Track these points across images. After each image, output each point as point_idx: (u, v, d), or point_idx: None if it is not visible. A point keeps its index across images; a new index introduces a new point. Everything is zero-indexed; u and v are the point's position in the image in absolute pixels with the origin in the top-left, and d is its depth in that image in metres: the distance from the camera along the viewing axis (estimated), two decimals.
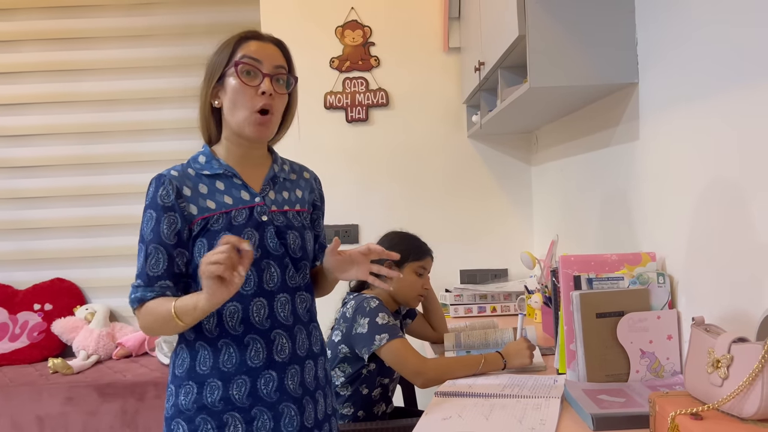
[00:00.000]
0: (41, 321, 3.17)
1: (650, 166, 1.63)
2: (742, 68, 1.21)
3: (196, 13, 3.30)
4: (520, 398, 1.41)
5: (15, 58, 3.31)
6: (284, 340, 1.31)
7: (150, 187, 1.30)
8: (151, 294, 1.26)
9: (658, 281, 1.50)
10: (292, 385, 1.31)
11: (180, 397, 1.28)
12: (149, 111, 3.32)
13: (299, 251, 1.35)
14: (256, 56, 1.29)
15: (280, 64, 1.32)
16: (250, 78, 1.28)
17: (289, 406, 1.30)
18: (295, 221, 1.37)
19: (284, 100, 1.34)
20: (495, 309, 2.61)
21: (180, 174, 1.31)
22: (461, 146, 3.05)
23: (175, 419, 1.28)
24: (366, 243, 1.33)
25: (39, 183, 3.33)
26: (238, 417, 1.26)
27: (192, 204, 1.28)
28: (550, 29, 1.67)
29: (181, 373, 1.30)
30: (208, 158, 1.34)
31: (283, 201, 1.37)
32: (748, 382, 0.93)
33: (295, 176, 1.45)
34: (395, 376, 1.96)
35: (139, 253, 1.28)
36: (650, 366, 1.45)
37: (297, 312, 1.35)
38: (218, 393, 1.27)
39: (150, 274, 1.26)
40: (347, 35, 3.03)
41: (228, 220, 1.28)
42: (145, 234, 1.28)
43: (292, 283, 1.35)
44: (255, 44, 1.30)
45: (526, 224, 3.06)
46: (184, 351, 1.31)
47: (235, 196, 1.31)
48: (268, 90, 1.27)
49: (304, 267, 1.38)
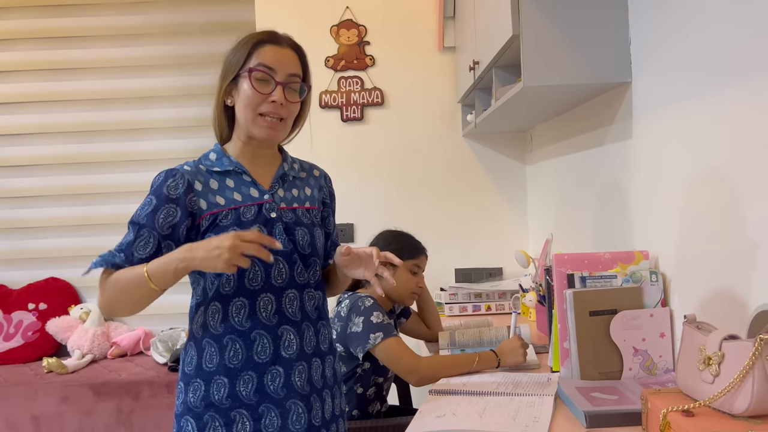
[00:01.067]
0: (36, 320, 3.16)
1: (643, 165, 1.64)
2: (734, 68, 1.21)
3: (191, 12, 3.29)
4: (514, 396, 1.42)
5: (8, 56, 3.30)
6: (292, 336, 1.31)
7: (159, 177, 1.30)
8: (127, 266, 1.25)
9: (651, 279, 1.51)
10: (300, 381, 1.31)
11: (189, 395, 1.29)
12: (143, 110, 3.31)
13: (308, 248, 1.36)
14: (271, 64, 1.30)
15: (295, 72, 1.33)
16: (263, 85, 1.30)
17: (296, 403, 1.30)
18: (304, 218, 1.38)
19: (296, 107, 1.36)
20: (490, 307, 2.62)
21: (192, 169, 1.32)
22: (456, 145, 3.06)
23: (184, 416, 1.30)
24: (373, 248, 1.32)
25: (33, 182, 3.31)
26: (245, 414, 1.27)
27: (202, 199, 1.29)
28: (543, 29, 1.67)
29: (190, 370, 1.31)
30: (218, 155, 1.35)
31: (292, 198, 1.38)
32: (738, 379, 0.94)
33: (305, 174, 1.46)
34: (390, 375, 1.97)
35: (129, 233, 1.27)
36: (643, 363, 1.46)
37: (305, 309, 1.35)
38: (225, 390, 1.27)
39: (135, 254, 1.25)
40: (342, 34, 3.03)
41: (237, 216, 1.30)
42: (139, 216, 1.27)
43: (300, 280, 1.35)
44: (271, 50, 1.31)
45: (521, 223, 3.07)
46: (192, 348, 1.32)
47: (244, 193, 1.33)
48: (279, 99, 1.29)
49: (314, 264, 1.38)
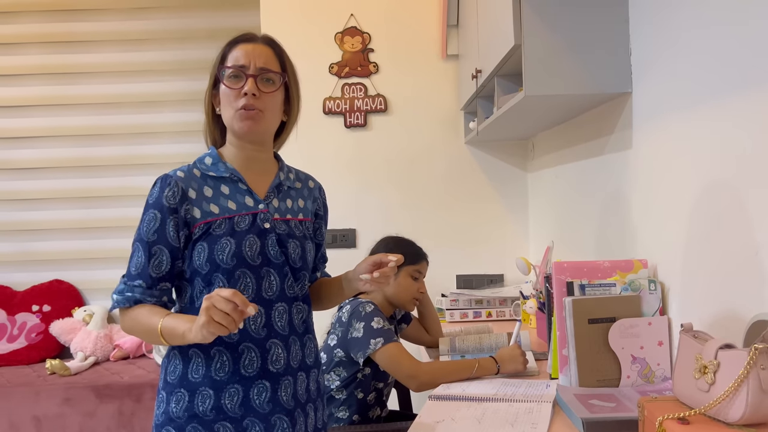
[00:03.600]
0: (39, 322, 3.19)
1: (643, 175, 1.65)
2: (734, 78, 1.23)
3: (196, 18, 3.32)
4: (513, 402, 1.43)
5: (15, 60, 3.33)
6: (280, 350, 1.30)
7: (155, 187, 1.28)
8: (150, 300, 1.25)
9: (650, 288, 1.52)
10: (285, 396, 1.29)
11: (171, 405, 1.26)
12: (148, 114, 3.34)
13: (299, 261, 1.35)
14: (242, 60, 1.29)
15: (267, 65, 1.31)
16: (236, 81, 1.29)
17: (281, 418, 1.28)
18: (296, 230, 1.36)
19: (275, 98, 1.32)
20: (490, 314, 2.63)
21: (186, 175, 1.29)
22: (458, 152, 3.07)
23: (165, 426, 1.26)
24: (379, 255, 1.31)
25: (38, 185, 3.34)
26: (229, 427, 1.25)
27: (196, 207, 1.27)
28: (545, 39, 1.69)
29: (173, 380, 1.28)
30: (214, 160, 1.33)
31: (286, 209, 1.37)
32: (733, 388, 0.95)
33: (300, 185, 1.44)
34: (390, 381, 1.98)
35: (137, 252, 1.25)
36: (641, 371, 1.47)
37: (293, 322, 1.34)
38: (210, 402, 1.25)
39: (153, 275, 1.24)
40: (346, 41, 3.05)
41: (231, 226, 1.27)
42: (146, 233, 1.25)
43: (290, 293, 1.33)
44: (243, 47, 1.31)
45: (522, 230, 3.08)
46: (176, 357, 1.28)
47: (239, 202, 1.30)
48: (250, 90, 1.27)
49: (303, 277, 1.37)
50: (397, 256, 1.28)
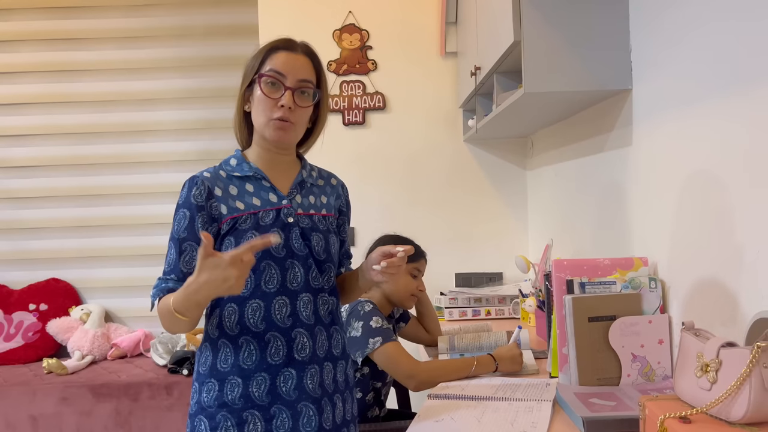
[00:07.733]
0: (36, 321, 3.17)
1: (643, 172, 1.65)
2: (734, 76, 1.22)
3: (194, 15, 3.31)
4: (512, 401, 1.42)
5: (12, 58, 3.31)
6: (305, 339, 1.33)
7: (183, 189, 1.33)
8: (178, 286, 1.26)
9: (650, 286, 1.51)
10: (311, 384, 1.33)
11: (203, 394, 1.31)
12: (146, 112, 3.32)
13: (323, 253, 1.38)
14: (282, 69, 1.32)
15: (306, 77, 1.34)
16: (273, 90, 1.32)
17: (308, 405, 1.32)
18: (320, 224, 1.40)
19: (307, 112, 1.37)
20: (489, 312, 2.62)
21: (212, 175, 1.35)
22: (457, 150, 3.06)
23: (198, 416, 1.31)
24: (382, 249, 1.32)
25: (35, 183, 3.33)
26: (257, 415, 1.29)
27: (222, 204, 1.32)
28: (544, 35, 1.68)
29: (204, 370, 1.32)
30: (239, 161, 1.38)
31: (309, 205, 1.41)
32: (735, 387, 0.94)
33: (323, 182, 1.49)
34: (388, 380, 1.97)
35: (170, 251, 1.30)
36: (641, 370, 1.46)
37: (319, 313, 1.37)
38: (238, 390, 1.29)
39: (183, 269, 1.28)
40: (345, 38, 3.04)
41: (255, 221, 1.32)
42: (177, 231, 1.30)
43: (315, 284, 1.37)
44: (284, 56, 1.33)
45: (522, 228, 3.07)
46: (207, 349, 1.33)
47: (263, 198, 1.35)
48: (287, 104, 1.31)
49: (328, 270, 1.40)
50: (406, 246, 1.29)
